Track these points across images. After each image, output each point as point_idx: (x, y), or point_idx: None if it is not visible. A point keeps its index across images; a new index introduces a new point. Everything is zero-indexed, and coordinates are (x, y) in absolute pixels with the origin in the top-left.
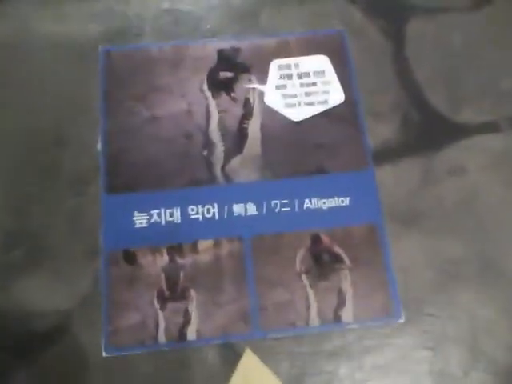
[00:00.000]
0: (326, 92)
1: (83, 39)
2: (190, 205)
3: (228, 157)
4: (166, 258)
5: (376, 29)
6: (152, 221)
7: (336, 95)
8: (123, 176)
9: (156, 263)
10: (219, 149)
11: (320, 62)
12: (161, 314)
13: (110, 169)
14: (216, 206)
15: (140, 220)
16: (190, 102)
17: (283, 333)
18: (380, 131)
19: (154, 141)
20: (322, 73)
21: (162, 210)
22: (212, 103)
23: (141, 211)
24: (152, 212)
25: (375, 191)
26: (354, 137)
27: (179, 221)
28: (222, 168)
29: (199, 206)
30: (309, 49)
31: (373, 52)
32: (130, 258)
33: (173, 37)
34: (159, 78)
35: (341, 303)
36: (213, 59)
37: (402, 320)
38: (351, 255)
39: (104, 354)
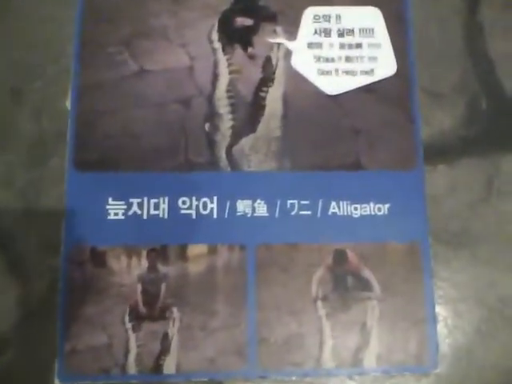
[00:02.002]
0: (374, 59)
1: None
2: (182, 196)
3: (237, 135)
4: (144, 263)
5: None
6: (130, 212)
7: (386, 65)
8: (98, 148)
9: (131, 269)
10: (226, 123)
11: (369, 17)
12: (133, 337)
13: (80, 137)
14: (215, 200)
15: (115, 210)
16: (193, 54)
17: (287, 374)
18: (437, 119)
19: (141, 103)
20: (370, 31)
21: (145, 200)
22: (222, 59)
23: (117, 198)
24: (131, 201)
25: (423, 199)
26: (403, 124)
27: (166, 216)
28: (228, 149)
29: (193, 199)
30: None
31: (439, 9)
32: (98, 258)
33: None
34: (154, 17)
35: (363, 342)
36: None
37: (437, 370)
38: (383, 281)
39: (57, 382)
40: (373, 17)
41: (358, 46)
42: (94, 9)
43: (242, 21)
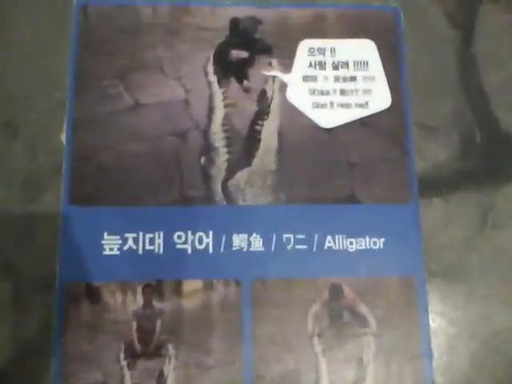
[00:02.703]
0: (368, 91)
1: None
2: (177, 230)
3: (232, 169)
4: (140, 299)
5: (441, 12)
6: (126, 247)
7: (380, 98)
8: (93, 182)
9: (127, 305)
10: (222, 157)
11: (364, 49)
12: (128, 375)
13: (75, 170)
14: (211, 234)
15: (110, 245)
16: (188, 87)
17: None
18: (431, 153)
19: (136, 137)
20: (364, 64)
21: (140, 235)
22: (217, 92)
23: (112, 233)
24: (126, 236)
25: (418, 233)
26: (398, 158)
27: (161, 251)
28: (223, 183)
29: (189, 233)
30: (351, 29)
31: (433, 42)
32: (93, 295)
33: None
34: (149, 50)
35: (359, 378)
36: (223, 31)
37: None
38: (379, 316)
39: None
40: (367, 49)
41: (353, 78)
42: (89, 42)
43: (238, 53)
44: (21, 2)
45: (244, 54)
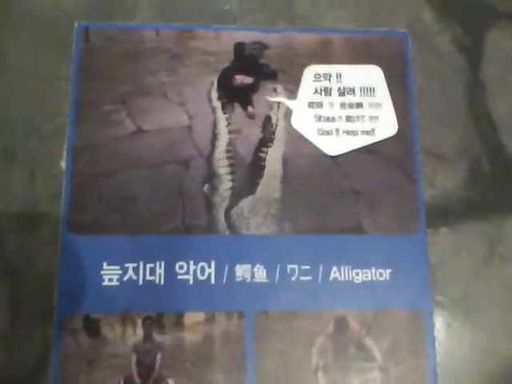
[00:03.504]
0: (375, 118)
1: (57, 11)
2: (179, 260)
3: (236, 197)
4: (140, 332)
5: (448, 37)
6: (126, 278)
7: (387, 125)
8: (93, 210)
9: (126, 338)
10: (225, 184)
11: (370, 75)
12: None
13: (75, 198)
14: (213, 264)
15: (110, 275)
16: (192, 113)
17: None
18: (439, 181)
19: (138, 164)
20: (371, 90)
21: (141, 264)
22: (221, 118)
23: (112, 263)
24: (127, 265)
25: (425, 264)
26: (405, 186)
27: (162, 282)
28: (227, 212)
29: (191, 263)
30: (357, 54)
31: (441, 68)
32: (92, 327)
33: (176, 17)
34: (152, 74)
35: None
36: (228, 56)
37: None
38: (385, 350)
39: None
40: (374, 75)
41: (359, 105)
42: (90, 66)
43: (242, 79)
44: (21, 25)
45: (249, 80)
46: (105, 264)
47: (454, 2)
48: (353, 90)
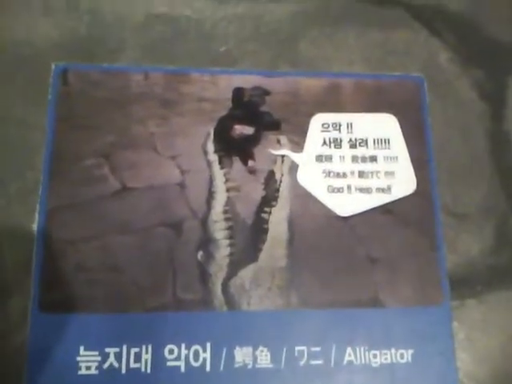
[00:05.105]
0: (390, 174)
1: (32, 49)
2: (169, 343)
3: (235, 266)
4: None
5: (468, 82)
6: (106, 365)
7: (404, 181)
8: (68, 284)
9: None
10: (223, 251)
11: (384, 125)
12: None
13: (48, 269)
14: (209, 347)
15: (87, 363)
16: (185, 168)
17: None
18: (463, 245)
19: (122, 228)
20: (385, 142)
21: (124, 349)
22: (218, 174)
23: (90, 347)
24: (107, 350)
25: (451, 341)
26: (426, 252)
27: (149, 369)
28: (224, 284)
29: (182, 347)
30: (369, 101)
31: (461, 117)
32: None
33: (167, 59)
34: (140, 123)
35: None
36: (226, 103)
37: None
38: None
39: None
40: (388, 125)
41: (373, 158)
42: (68, 113)
43: (242, 129)
44: None
45: (249, 130)
46: (81, 349)
47: (473, 42)
48: (365, 142)
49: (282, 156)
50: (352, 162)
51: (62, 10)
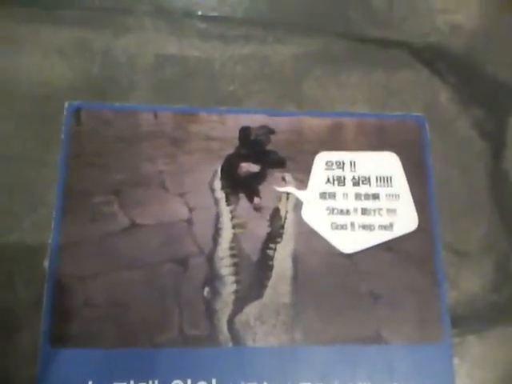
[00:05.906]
0: (393, 211)
1: (46, 89)
2: (175, 378)
3: (240, 302)
4: None
5: (469, 121)
6: None
7: (406, 218)
8: (77, 319)
9: None
10: (228, 287)
11: (387, 163)
12: None
13: (58, 305)
14: (214, 383)
15: None
16: (192, 205)
17: None
18: (464, 282)
19: (130, 265)
20: (388, 180)
21: (131, 383)
22: (225, 211)
23: (98, 382)
24: None
25: (452, 378)
26: (427, 288)
27: None
28: (230, 320)
29: (188, 382)
30: (372, 140)
31: (462, 155)
32: None
33: (177, 98)
34: (149, 161)
35: None
36: (233, 142)
37: None
38: None
39: None
40: (390, 163)
41: (375, 196)
42: (80, 151)
43: (248, 167)
44: (3, 102)
45: (255, 168)
46: (90, 383)
47: (473, 82)
48: (368, 180)
49: (287, 193)
50: (355, 200)
51: (76, 51)
